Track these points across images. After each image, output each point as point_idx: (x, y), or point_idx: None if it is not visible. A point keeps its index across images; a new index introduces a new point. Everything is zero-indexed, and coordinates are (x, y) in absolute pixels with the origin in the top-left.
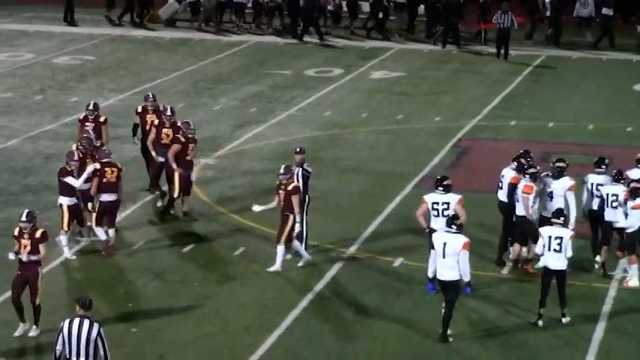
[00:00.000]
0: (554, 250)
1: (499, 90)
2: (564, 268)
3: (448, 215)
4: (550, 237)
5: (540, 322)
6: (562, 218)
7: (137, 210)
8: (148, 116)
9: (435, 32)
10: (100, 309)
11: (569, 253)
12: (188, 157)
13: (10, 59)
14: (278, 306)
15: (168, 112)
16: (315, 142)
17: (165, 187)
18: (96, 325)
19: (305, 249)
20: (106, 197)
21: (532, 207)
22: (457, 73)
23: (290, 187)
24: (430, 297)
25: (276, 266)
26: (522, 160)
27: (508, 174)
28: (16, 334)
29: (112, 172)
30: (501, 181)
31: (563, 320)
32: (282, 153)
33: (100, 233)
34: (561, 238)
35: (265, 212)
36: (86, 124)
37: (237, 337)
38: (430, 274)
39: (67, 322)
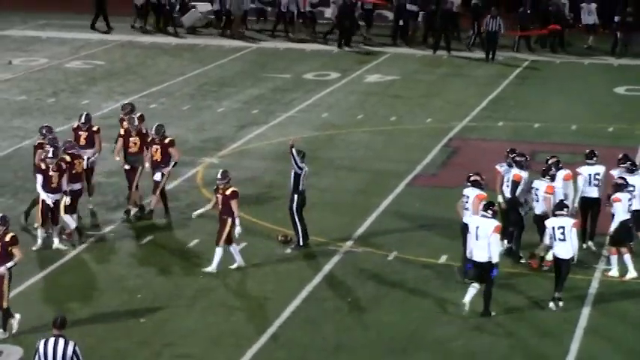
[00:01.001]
0: (559, 239)
1: (487, 93)
2: (568, 257)
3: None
4: (554, 227)
5: (552, 305)
6: (565, 209)
7: (145, 206)
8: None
9: (470, 37)
10: (110, 301)
11: (575, 242)
12: (155, 158)
13: (25, 64)
14: (278, 297)
15: (136, 122)
16: (313, 142)
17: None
18: (71, 344)
19: (304, 244)
20: (75, 187)
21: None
22: (448, 77)
23: (228, 192)
24: (422, 289)
25: (212, 267)
26: (518, 158)
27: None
28: None
29: (80, 163)
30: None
31: (552, 304)
32: (282, 153)
33: (70, 221)
34: (564, 227)
35: (266, 210)
36: (79, 133)
37: (240, 326)
38: (467, 255)
39: (42, 342)
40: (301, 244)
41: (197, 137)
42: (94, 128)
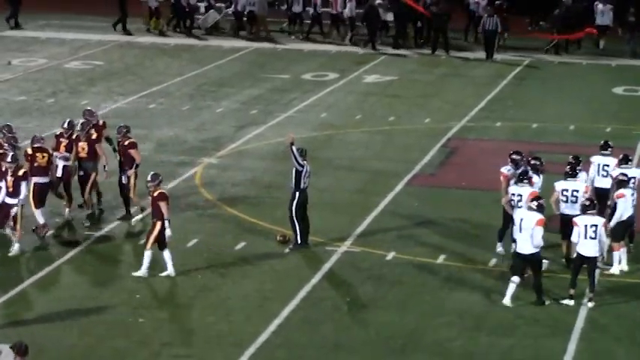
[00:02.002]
0: (590, 237)
1: (485, 93)
2: (597, 255)
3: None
4: (586, 225)
5: (572, 302)
6: (595, 209)
7: (144, 206)
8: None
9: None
10: (110, 300)
11: (604, 240)
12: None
13: (24, 64)
14: (277, 297)
15: (65, 125)
16: (311, 143)
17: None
18: None
19: (303, 244)
20: (38, 180)
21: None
22: (446, 77)
23: (156, 194)
24: (421, 288)
25: (142, 271)
26: (533, 162)
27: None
28: None
29: (43, 157)
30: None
31: (589, 304)
32: (281, 153)
33: (39, 215)
34: (596, 225)
35: (265, 209)
36: (60, 140)
37: (239, 326)
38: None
39: None
40: (299, 242)
41: (196, 137)
42: (74, 136)
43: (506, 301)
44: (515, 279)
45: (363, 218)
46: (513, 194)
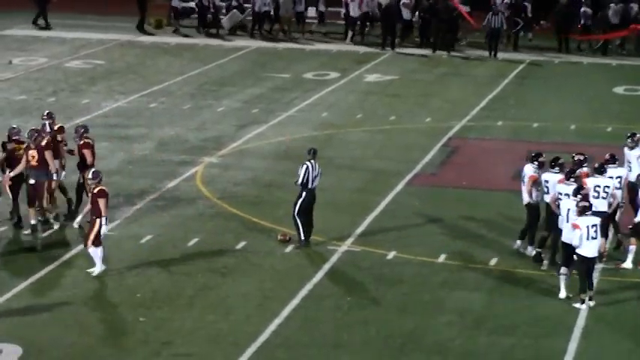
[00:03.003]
0: (592, 237)
1: (486, 92)
2: (597, 256)
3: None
4: (588, 227)
5: (583, 306)
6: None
7: (145, 206)
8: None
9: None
10: (111, 299)
11: (602, 239)
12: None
13: (25, 63)
14: (278, 296)
15: (14, 131)
16: (312, 142)
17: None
18: None
19: (307, 240)
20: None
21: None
22: (447, 76)
23: (96, 191)
24: (421, 288)
25: (97, 268)
26: (561, 161)
27: (553, 178)
28: None
29: (19, 147)
30: (547, 187)
31: (590, 303)
32: (282, 152)
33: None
34: (596, 225)
35: (266, 209)
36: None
37: (240, 325)
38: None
39: None
40: (302, 239)
41: (197, 136)
42: (43, 143)
43: (562, 294)
44: (564, 270)
45: (364, 217)
46: (560, 193)
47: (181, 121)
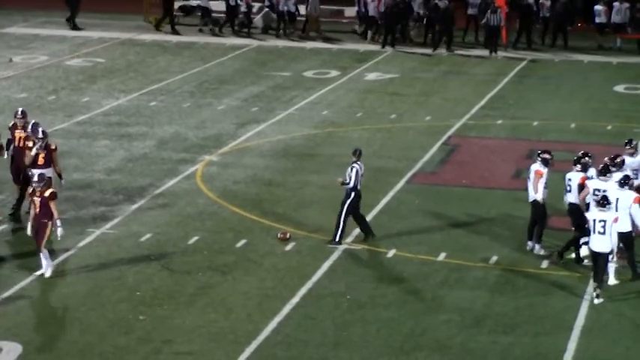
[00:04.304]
0: (599, 232)
1: (486, 91)
2: (607, 251)
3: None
4: (595, 220)
5: (598, 300)
6: (608, 205)
7: (145, 204)
8: (16, 132)
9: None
10: (111, 297)
11: (614, 237)
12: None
13: (26, 61)
14: (278, 294)
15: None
16: (312, 140)
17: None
18: None
19: (371, 233)
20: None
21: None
22: (447, 75)
23: (46, 194)
24: (421, 286)
25: (44, 270)
26: (586, 159)
27: (575, 176)
28: None
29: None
30: (569, 185)
31: (596, 300)
32: (281, 150)
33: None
34: (605, 221)
35: (266, 207)
36: (16, 131)
37: (240, 323)
38: None
39: None
40: (337, 240)
41: (197, 135)
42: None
43: (612, 281)
44: (616, 258)
45: (364, 215)
46: (597, 189)
47: (181, 119)
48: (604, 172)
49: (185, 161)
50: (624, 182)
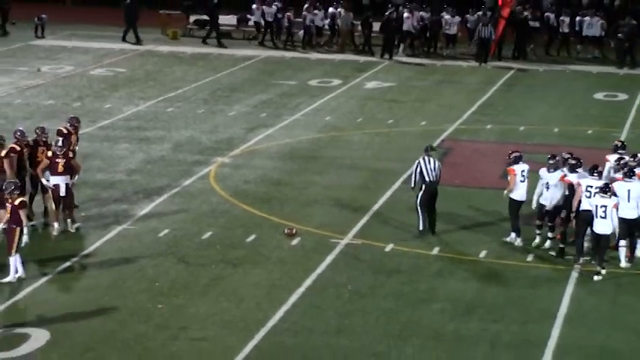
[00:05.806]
0: (601, 216)
1: (477, 98)
2: (608, 233)
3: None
4: (596, 206)
5: (598, 277)
6: (608, 193)
7: (163, 202)
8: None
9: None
10: (132, 288)
11: (615, 221)
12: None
13: (53, 71)
14: (285, 285)
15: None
16: (316, 143)
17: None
18: None
19: (432, 229)
20: None
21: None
22: (440, 84)
23: (17, 202)
24: (417, 278)
25: (10, 277)
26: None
27: (595, 184)
28: None
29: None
30: (589, 191)
31: (596, 278)
32: (288, 152)
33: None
34: (606, 206)
35: (274, 205)
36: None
37: (250, 312)
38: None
39: None
40: (421, 229)
41: (210, 138)
42: (2, 153)
43: (623, 264)
44: (623, 242)
45: (364, 213)
46: (589, 186)
47: (196, 124)
48: (630, 174)
49: (199, 163)
50: (632, 173)
